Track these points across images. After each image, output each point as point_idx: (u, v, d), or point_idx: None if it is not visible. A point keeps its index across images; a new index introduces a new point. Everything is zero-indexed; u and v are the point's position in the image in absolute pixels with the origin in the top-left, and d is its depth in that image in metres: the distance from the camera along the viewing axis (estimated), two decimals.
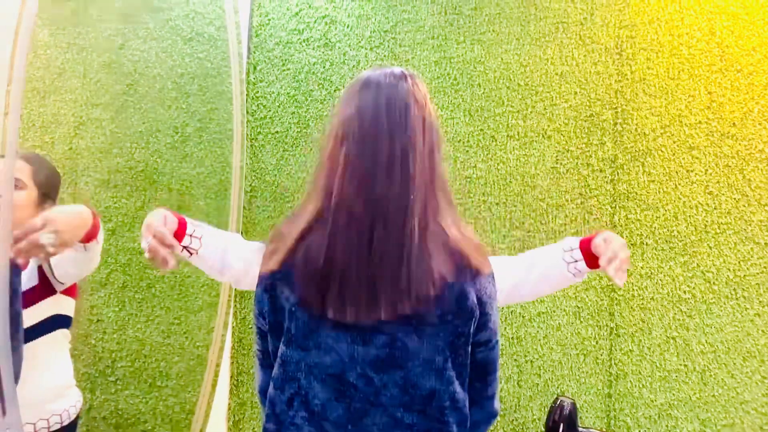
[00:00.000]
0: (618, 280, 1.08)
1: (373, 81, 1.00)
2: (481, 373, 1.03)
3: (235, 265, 1.20)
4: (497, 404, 1.08)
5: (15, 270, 1.19)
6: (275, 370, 1.03)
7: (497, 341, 1.04)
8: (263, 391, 1.08)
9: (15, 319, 1.15)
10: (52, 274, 1.42)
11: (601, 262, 1.11)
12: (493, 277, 1.02)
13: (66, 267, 1.41)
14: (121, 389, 2.09)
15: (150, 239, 1.06)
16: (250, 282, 1.23)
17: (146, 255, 1.07)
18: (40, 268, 1.42)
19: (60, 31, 2.02)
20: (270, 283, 1.01)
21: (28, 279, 1.42)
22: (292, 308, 0.98)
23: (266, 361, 1.08)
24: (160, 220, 1.11)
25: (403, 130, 0.96)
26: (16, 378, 1.12)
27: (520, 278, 1.23)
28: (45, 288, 1.44)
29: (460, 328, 0.97)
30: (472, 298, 0.97)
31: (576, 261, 1.19)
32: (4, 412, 1.05)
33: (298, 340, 0.99)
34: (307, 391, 0.99)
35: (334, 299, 0.94)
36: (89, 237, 1.26)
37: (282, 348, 1.01)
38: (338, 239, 0.94)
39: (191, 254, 1.18)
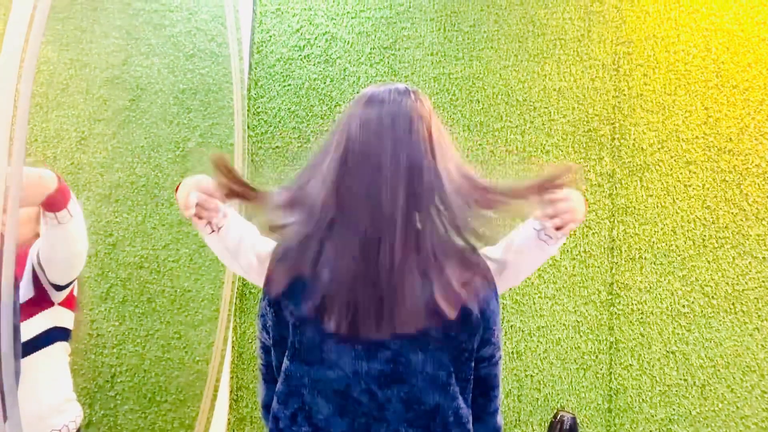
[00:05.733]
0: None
1: (377, 97, 1.00)
2: (484, 389, 1.03)
3: (249, 254, 1.17)
4: (500, 419, 1.07)
5: (14, 283, 1.18)
6: (279, 385, 1.02)
7: (500, 356, 1.04)
8: (266, 406, 1.08)
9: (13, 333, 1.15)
10: (43, 272, 1.39)
11: (540, 214, 1.10)
12: (497, 292, 1.03)
13: (49, 255, 1.35)
14: (120, 404, 2.08)
15: (198, 194, 1.08)
16: (255, 278, 1.20)
17: (191, 211, 1.09)
18: (35, 279, 1.41)
19: (64, 48, 2.03)
20: (274, 298, 1.01)
21: (24, 291, 1.41)
22: (296, 323, 0.98)
23: (269, 375, 1.08)
24: (207, 180, 1.11)
25: (408, 146, 0.95)
26: None
27: (501, 260, 1.22)
28: (42, 299, 1.43)
29: (464, 344, 0.97)
30: (476, 313, 0.97)
31: (544, 227, 1.18)
32: (5, 417, 1.04)
33: (302, 355, 0.99)
34: (311, 406, 0.98)
35: (341, 315, 0.94)
36: (55, 203, 1.23)
37: (286, 363, 1.01)
38: (344, 256, 0.94)
39: (213, 231, 1.15)
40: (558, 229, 1.10)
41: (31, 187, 1.18)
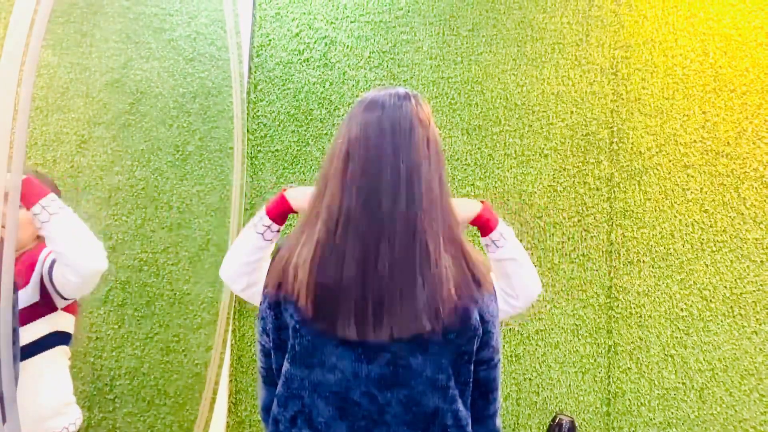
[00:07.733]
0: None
1: (377, 101, 1.00)
2: (483, 392, 1.03)
3: (262, 267, 1.25)
4: (499, 422, 1.08)
5: (13, 287, 1.19)
6: (279, 388, 1.03)
7: (499, 359, 1.05)
8: (266, 409, 1.08)
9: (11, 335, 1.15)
10: (53, 287, 1.41)
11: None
12: (496, 296, 1.03)
13: (57, 267, 1.36)
14: (119, 407, 2.08)
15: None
16: (249, 294, 1.26)
17: None
18: (42, 285, 1.42)
19: (64, 52, 2.04)
20: (274, 301, 1.02)
21: (30, 296, 1.42)
22: (296, 326, 0.99)
23: (269, 378, 1.08)
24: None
25: (408, 150, 0.96)
26: None
27: (501, 287, 1.35)
28: (46, 305, 1.44)
29: (464, 347, 0.97)
30: (475, 316, 0.97)
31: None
32: (4, 420, 1.05)
33: (302, 358, 0.99)
34: (311, 408, 0.99)
35: (340, 318, 0.95)
36: (24, 197, 1.24)
37: (286, 365, 1.01)
38: (344, 258, 0.94)
39: (273, 234, 1.22)
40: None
41: None
